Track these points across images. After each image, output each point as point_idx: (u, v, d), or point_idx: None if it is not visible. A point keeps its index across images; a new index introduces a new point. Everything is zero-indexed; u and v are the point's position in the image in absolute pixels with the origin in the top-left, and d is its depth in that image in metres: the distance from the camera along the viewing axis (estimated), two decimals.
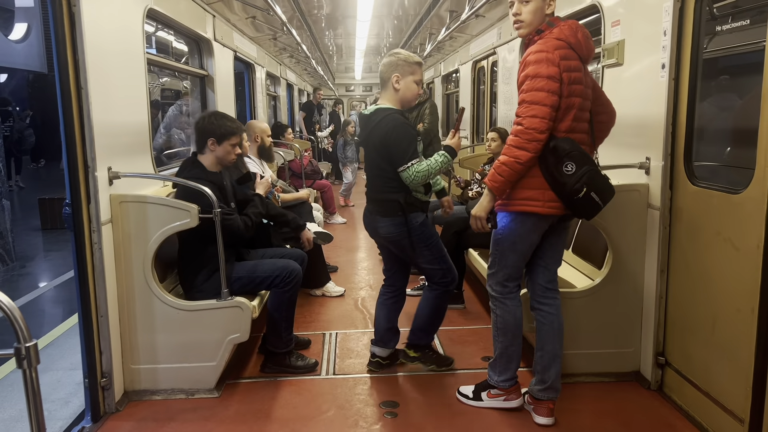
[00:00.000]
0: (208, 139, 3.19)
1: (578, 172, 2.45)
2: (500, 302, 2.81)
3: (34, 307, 5.26)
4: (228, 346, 3.09)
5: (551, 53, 2.44)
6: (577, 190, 2.46)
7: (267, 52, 8.46)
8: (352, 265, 5.87)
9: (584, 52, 2.53)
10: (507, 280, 2.78)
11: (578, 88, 2.50)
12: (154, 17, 3.83)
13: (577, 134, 2.55)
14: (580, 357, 3.17)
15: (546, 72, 2.42)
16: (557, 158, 2.47)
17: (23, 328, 1.25)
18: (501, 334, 2.84)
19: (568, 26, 2.53)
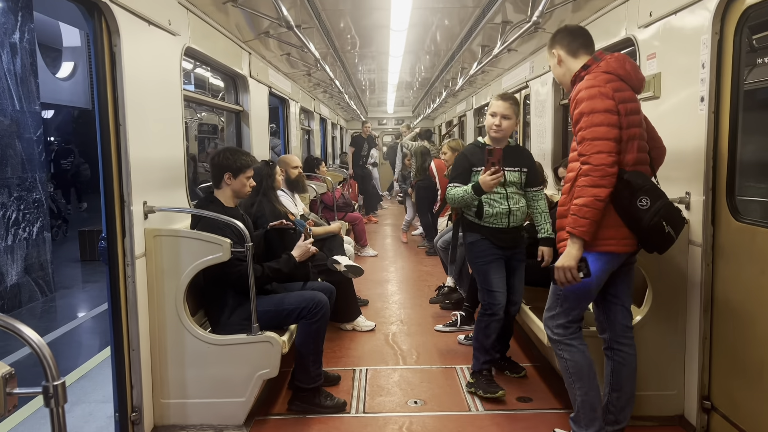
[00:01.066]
0: (224, 173, 3.27)
1: (654, 207, 2.38)
2: (566, 345, 2.65)
3: (71, 338, 5.33)
4: (257, 381, 3.06)
5: (603, 87, 2.41)
6: (655, 224, 2.38)
7: (301, 88, 8.62)
8: (384, 299, 5.81)
9: (635, 82, 2.50)
10: (571, 321, 2.65)
11: (636, 119, 2.47)
12: (191, 55, 3.93)
13: (643, 166, 2.50)
14: None
15: (602, 106, 2.38)
16: (631, 193, 2.40)
17: (52, 366, 1.24)
18: (577, 379, 2.63)
19: (615, 58, 2.50)
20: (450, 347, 4.35)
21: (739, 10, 2.65)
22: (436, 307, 5.33)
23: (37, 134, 6.43)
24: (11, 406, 1.24)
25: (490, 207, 3.37)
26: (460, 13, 5.16)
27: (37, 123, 6.47)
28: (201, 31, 3.88)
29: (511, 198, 3.38)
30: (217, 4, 3.83)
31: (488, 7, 4.65)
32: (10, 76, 5.99)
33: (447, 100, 11.40)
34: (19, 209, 6.11)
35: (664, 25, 3.17)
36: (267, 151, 5.91)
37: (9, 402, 1.23)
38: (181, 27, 3.46)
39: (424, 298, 5.69)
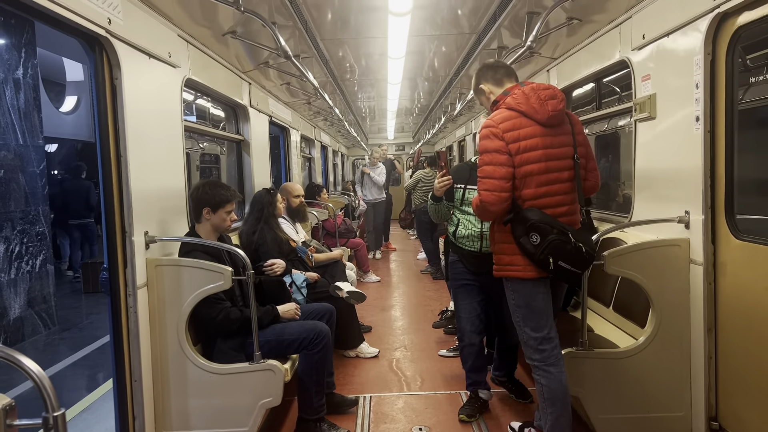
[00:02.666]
0: (203, 208, 3.25)
1: (542, 243, 2.50)
2: (543, 370, 2.70)
3: (74, 371, 5.30)
4: (260, 410, 3.04)
5: (496, 127, 2.57)
6: (542, 260, 2.52)
7: (301, 116, 8.70)
8: (387, 325, 5.78)
9: (539, 116, 2.57)
10: (540, 343, 2.69)
11: (533, 155, 2.56)
12: (192, 86, 3.98)
13: (549, 198, 2.60)
14: (627, 422, 3.01)
15: (492, 146, 2.56)
16: (523, 229, 2.56)
17: (51, 396, 1.24)
18: (550, 404, 2.69)
19: (522, 93, 2.61)
20: (454, 372, 4.31)
21: (730, 31, 2.69)
22: (440, 331, 5.30)
23: (40, 168, 6.49)
24: None
25: (463, 227, 3.38)
26: (456, 39, 5.24)
27: (40, 157, 6.53)
28: (201, 62, 3.94)
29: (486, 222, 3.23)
30: (217, 36, 3.90)
31: (484, 33, 4.72)
32: (13, 111, 6.07)
33: (446, 126, 11.48)
34: (22, 242, 6.13)
35: (657, 46, 3.21)
36: (268, 179, 5.94)
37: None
38: (181, 59, 3.52)
39: (428, 323, 5.66)
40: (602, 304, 3.74)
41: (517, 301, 2.71)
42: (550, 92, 2.61)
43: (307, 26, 4.38)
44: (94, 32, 2.56)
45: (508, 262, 2.67)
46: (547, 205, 2.59)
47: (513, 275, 2.67)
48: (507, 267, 2.68)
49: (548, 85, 2.67)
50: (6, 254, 5.90)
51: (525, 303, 2.68)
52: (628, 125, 4.36)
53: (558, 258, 2.49)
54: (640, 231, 3.36)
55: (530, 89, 2.61)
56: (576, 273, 2.55)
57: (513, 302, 2.73)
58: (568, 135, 2.66)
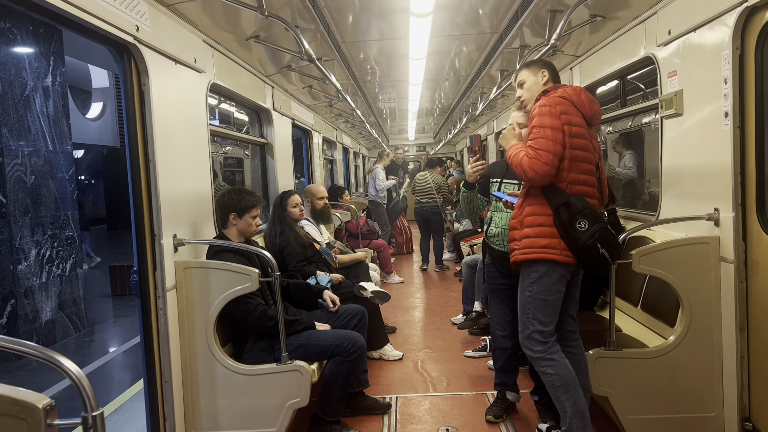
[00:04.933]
0: (230, 213, 3.34)
1: (591, 229, 2.59)
2: (548, 360, 2.74)
3: (104, 372, 5.40)
4: (288, 411, 3.07)
5: (553, 107, 2.65)
6: (590, 245, 2.58)
7: (323, 119, 8.75)
8: (411, 326, 5.79)
9: (587, 110, 2.72)
10: (545, 336, 2.73)
11: (580, 142, 2.67)
12: (216, 91, 4.03)
13: (585, 187, 2.70)
14: (657, 422, 2.97)
15: (549, 123, 2.63)
16: (571, 214, 2.61)
17: (90, 397, 1.27)
18: (564, 391, 2.71)
19: (572, 88, 2.77)
20: (480, 373, 4.30)
21: (759, 25, 2.64)
22: (465, 332, 5.28)
23: (69, 173, 6.62)
24: None
25: (494, 225, 3.30)
26: (477, 39, 5.22)
27: (69, 163, 6.67)
28: (225, 67, 3.99)
29: None
30: (241, 40, 3.94)
31: (506, 33, 4.70)
32: (43, 118, 6.20)
33: (468, 126, 11.44)
34: (52, 247, 6.26)
35: (683, 42, 3.17)
36: (292, 182, 5.99)
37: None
38: (206, 64, 3.57)
39: (452, 324, 5.65)
40: (630, 304, 3.69)
41: (534, 291, 2.72)
42: (593, 97, 2.80)
43: (329, 29, 4.41)
44: (122, 39, 2.61)
45: (546, 244, 2.68)
46: (586, 194, 2.69)
47: (550, 257, 2.67)
48: (544, 249, 2.68)
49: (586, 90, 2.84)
50: (37, 258, 6.03)
51: (543, 295, 2.71)
52: (653, 122, 4.30)
53: (604, 245, 2.59)
54: (668, 229, 3.31)
55: (580, 88, 2.79)
56: (607, 263, 2.66)
57: (529, 292, 2.75)
58: (597, 141, 2.81)
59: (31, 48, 6.16)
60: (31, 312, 5.93)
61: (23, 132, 5.91)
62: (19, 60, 5.95)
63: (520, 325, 2.81)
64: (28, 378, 5.13)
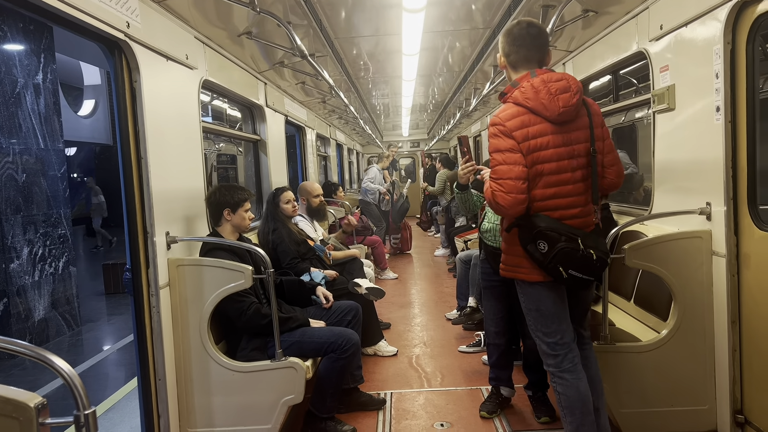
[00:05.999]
0: (223, 209, 3.33)
1: (550, 251, 2.36)
2: (558, 377, 2.56)
3: (98, 371, 5.38)
4: (283, 408, 3.06)
5: (502, 125, 2.40)
6: (552, 269, 2.38)
7: (317, 115, 8.73)
8: (405, 321, 5.79)
9: (549, 112, 2.37)
10: (554, 348, 2.56)
11: (544, 154, 2.39)
12: (209, 87, 4.02)
13: (560, 199, 2.43)
14: (650, 416, 2.99)
15: (503, 145, 2.39)
16: (533, 236, 2.41)
17: (83, 395, 1.27)
18: (568, 413, 2.55)
19: (531, 87, 2.40)
20: (475, 368, 4.31)
21: (750, 19, 2.65)
22: (459, 328, 5.30)
23: (61, 171, 6.59)
24: None
25: (487, 220, 3.28)
26: (470, 34, 5.22)
27: (61, 160, 6.63)
28: (217, 63, 3.98)
29: None
30: (233, 37, 3.93)
31: (498, 28, 4.70)
32: (34, 116, 6.16)
33: (461, 121, 11.44)
34: (45, 245, 6.23)
35: (675, 37, 3.18)
36: (285, 179, 5.98)
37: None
38: (198, 61, 3.55)
39: (446, 319, 5.66)
40: (623, 298, 3.71)
41: (527, 305, 2.60)
42: (563, 84, 2.39)
43: (322, 25, 4.39)
44: (113, 36, 2.60)
45: (516, 263, 2.55)
46: (557, 207, 2.43)
47: (520, 277, 2.55)
48: (515, 268, 2.57)
49: (562, 75, 2.44)
50: (30, 257, 6.00)
51: (535, 307, 2.56)
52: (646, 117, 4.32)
53: (568, 267, 2.36)
54: (661, 223, 3.33)
55: (540, 82, 2.39)
56: (587, 280, 2.43)
57: (524, 305, 2.62)
58: (584, 129, 2.45)
59: (22, 45, 6.12)
60: (24, 311, 5.90)
61: (14, 130, 5.87)
62: (10, 57, 5.91)
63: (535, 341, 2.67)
64: (21, 377, 5.11)
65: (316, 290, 3.79)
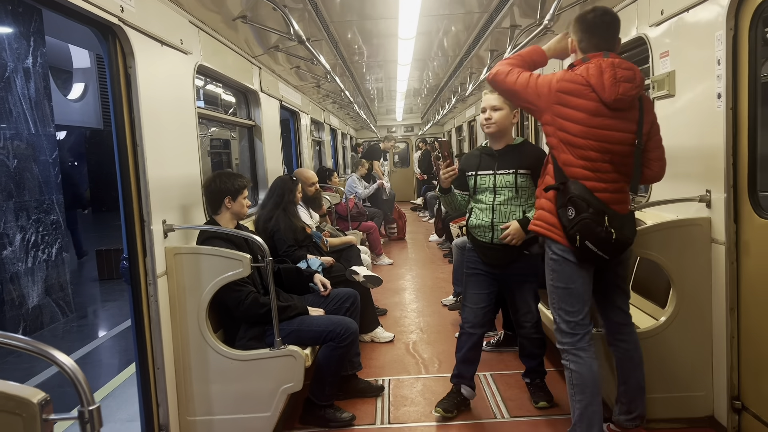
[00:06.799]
0: (225, 197, 3.30)
1: (575, 219, 2.44)
2: (573, 354, 2.59)
3: (93, 358, 5.37)
4: (282, 395, 3.06)
5: (555, 82, 2.49)
6: (571, 235, 2.45)
7: (311, 100, 8.66)
8: (401, 308, 5.80)
9: (606, 94, 2.42)
10: (573, 328, 2.59)
11: (573, 127, 2.46)
12: (203, 72, 3.96)
13: (583, 171, 2.48)
14: (648, 402, 2.99)
15: (538, 83, 2.51)
16: (563, 201, 2.48)
17: (86, 391, 1.25)
18: (578, 391, 2.58)
19: (596, 66, 2.45)
20: None
21: (753, 5, 2.62)
22: (455, 314, 5.30)
23: (52, 156, 6.51)
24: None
25: (475, 217, 3.18)
26: (467, 19, 5.17)
27: (53, 145, 6.55)
28: (212, 48, 3.91)
29: (497, 210, 3.09)
30: (227, 21, 3.86)
31: (496, 12, 4.65)
32: (24, 101, 6.07)
33: (456, 106, 11.39)
34: (37, 231, 6.17)
35: (676, 22, 3.15)
36: (280, 164, 5.93)
37: (45, 428, 1.23)
38: (192, 45, 3.49)
39: (442, 305, 5.67)
40: None
41: (555, 281, 2.60)
42: (629, 74, 2.44)
43: (317, 8, 4.33)
44: (107, 21, 2.54)
45: (553, 223, 2.56)
46: (587, 178, 2.49)
47: (552, 236, 2.56)
48: (551, 228, 2.58)
49: (631, 66, 2.48)
50: (22, 243, 5.94)
51: (563, 284, 2.57)
52: None
53: (585, 237, 2.41)
54: (660, 211, 3.33)
55: (609, 64, 2.44)
56: (601, 258, 2.47)
57: (551, 281, 2.62)
58: (633, 122, 2.50)
59: (11, 28, 6.01)
60: (18, 297, 5.86)
61: (4, 115, 5.78)
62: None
63: (553, 318, 2.68)
64: (16, 364, 5.08)
65: (314, 278, 3.77)
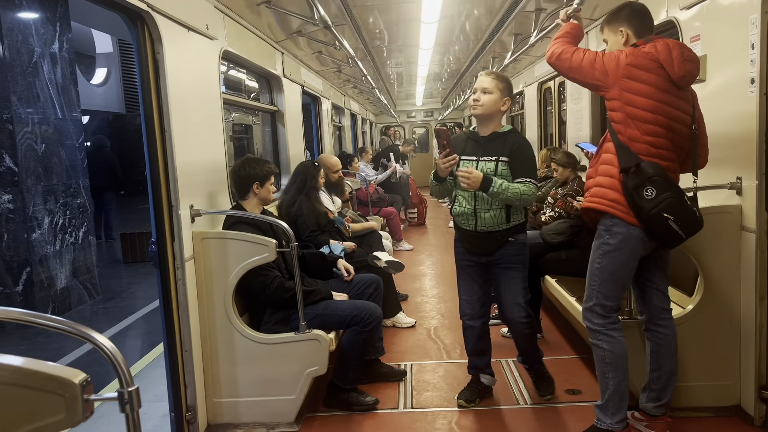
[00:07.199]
0: (253, 183, 3.33)
1: (657, 198, 2.41)
2: (605, 335, 2.63)
3: (119, 339, 5.47)
4: (306, 379, 3.10)
5: (623, 56, 2.47)
6: (655, 215, 2.42)
7: (332, 85, 8.64)
8: (422, 293, 5.81)
9: (675, 70, 2.45)
10: (609, 311, 2.63)
11: (642, 102, 2.46)
12: (228, 58, 3.97)
13: (650, 148, 2.49)
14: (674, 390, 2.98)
15: (605, 61, 2.49)
16: (639, 181, 2.45)
17: (125, 372, 1.28)
18: (611, 369, 2.63)
19: (664, 43, 2.49)
20: (493, 341, 4.27)
21: None
22: None
23: (79, 141, 6.60)
24: (88, 413, 1.28)
25: (458, 204, 3.07)
26: (489, 2, 5.11)
27: (79, 130, 6.64)
28: (236, 33, 3.92)
29: (480, 198, 2.96)
30: (251, 5, 3.87)
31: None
32: (51, 86, 6.15)
33: None
34: (65, 215, 6.28)
35: (708, 5, 3.08)
36: (302, 150, 5.95)
37: (86, 408, 1.26)
38: (218, 31, 3.50)
39: None
40: None
41: (603, 263, 2.59)
42: (693, 55, 2.52)
43: None
44: (136, 7, 2.56)
45: (615, 199, 2.53)
46: (657, 155, 2.50)
47: (617, 213, 2.52)
48: (613, 204, 2.54)
49: (692, 50, 2.56)
50: (51, 226, 6.06)
51: (618, 268, 2.57)
52: None
53: (671, 216, 2.41)
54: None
55: (676, 43, 2.51)
56: (679, 237, 2.47)
57: (598, 264, 2.61)
58: (690, 104, 2.56)
59: (37, 14, 6.07)
60: (46, 279, 5.98)
61: (32, 100, 5.86)
62: (26, 26, 5.87)
63: (586, 296, 2.69)
64: (46, 344, 5.21)
65: (337, 263, 3.80)
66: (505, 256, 3.07)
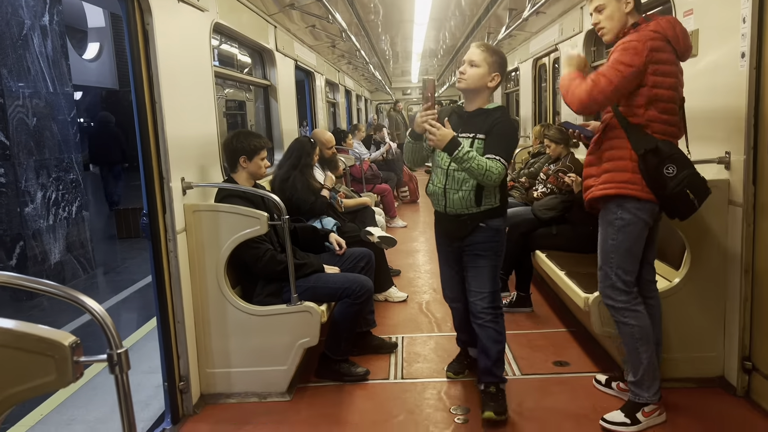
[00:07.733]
0: (239, 156, 3.32)
1: (679, 175, 2.45)
2: (632, 311, 2.65)
3: (114, 313, 5.50)
4: (298, 350, 3.14)
5: (643, 44, 2.43)
6: (679, 192, 2.45)
7: (326, 60, 8.58)
8: (415, 269, 5.86)
9: (681, 46, 2.50)
10: (628, 285, 2.65)
11: (667, 81, 2.47)
12: (219, 31, 3.94)
13: (666, 126, 2.53)
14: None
15: (629, 60, 2.42)
16: (659, 160, 2.47)
17: (114, 335, 1.30)
18: (643, 343, 2.65)
19: (666, 20, 2.52)
20: None
21: None
22: None
23: (71, 115, 6.55)
24: (78, 374, 1.30)
25: (431, 183, 2.92)
26: None
27: (71, 104, 6.59)
28: (228, 5, 3.89)
29: (451, 176, 2.79)
30: None
31: None
32: (42, 59, 6.09)
33: None
34: (58, 189, 6.27)
35: None
36: (296, 125, 5.93)
37: (76, 370, 1.29)
38: (209, 2, 3.47)
39: None
40: None
41: (618, 240, 2.60)
42: (685, 29, 2.56)
43: None
44: None
45: (628, 179, 2.52)
46: (668, 135, 2.53)
47: (632, 193, 2.52)
48: (625, 185, 2.53)
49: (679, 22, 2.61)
50: (43, 201, 6.05)
51: (633, 244, 2.59)
52: None
53: (693, 191, 2.46)
54: None
55: (674, 19, 2.57)
56: (695, 209, 2.52)
57: (612, 241, 2.61)
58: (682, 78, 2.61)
59: None
60: (40, 254, 5.99)
61: (23, 73, 5.81)
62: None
63: (601, 275, 2.70)
64: (41, 318, 5.24)
65: (329, 237, 3.82)
66: (474, 243, 2.85)
